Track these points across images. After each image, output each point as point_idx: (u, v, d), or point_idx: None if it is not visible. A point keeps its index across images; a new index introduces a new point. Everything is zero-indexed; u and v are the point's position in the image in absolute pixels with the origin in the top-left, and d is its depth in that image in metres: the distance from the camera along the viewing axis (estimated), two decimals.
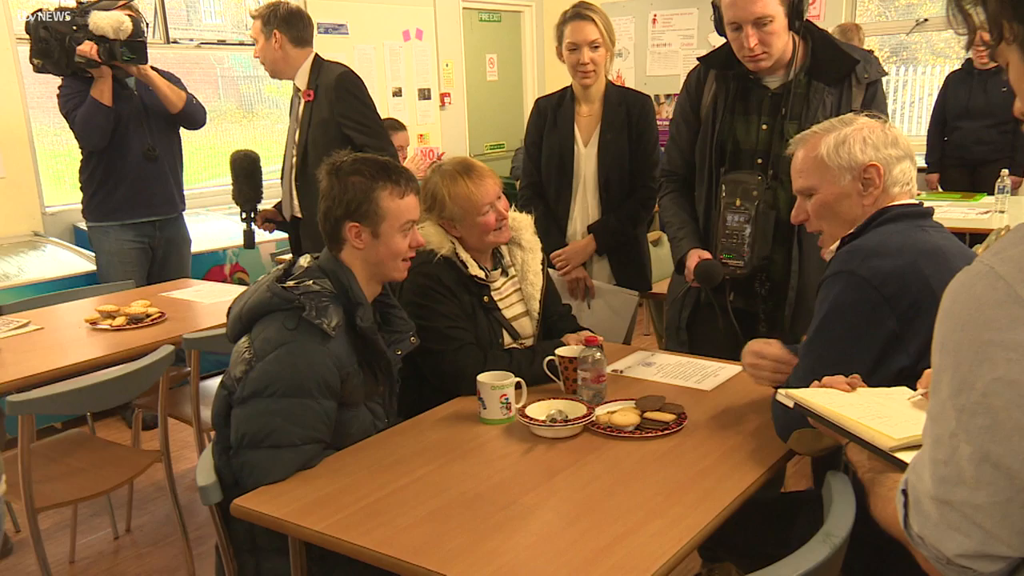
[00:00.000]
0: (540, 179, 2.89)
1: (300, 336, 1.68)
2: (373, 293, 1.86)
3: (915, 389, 1.37)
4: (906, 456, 1.13)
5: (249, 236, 3.34)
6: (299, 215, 3.26)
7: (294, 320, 1.69)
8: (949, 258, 1.54)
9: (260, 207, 3.32)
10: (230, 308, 1.81)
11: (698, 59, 2.38)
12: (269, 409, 1.64)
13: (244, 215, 3.29)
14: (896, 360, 1.49)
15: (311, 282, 1.74)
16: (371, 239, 1.80)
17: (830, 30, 5.39)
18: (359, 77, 3.15)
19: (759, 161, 2.23)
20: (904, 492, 0.91)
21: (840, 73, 2.17)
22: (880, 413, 1.27)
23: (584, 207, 2.82)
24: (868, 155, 1.63)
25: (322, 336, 1.69)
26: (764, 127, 2.21)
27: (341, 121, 3.05)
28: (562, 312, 2.37)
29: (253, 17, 3.17)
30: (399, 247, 1.83)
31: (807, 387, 1.44)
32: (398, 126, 4.55)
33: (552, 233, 2.79)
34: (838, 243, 1.69)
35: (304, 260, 1.84)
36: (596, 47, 2.69)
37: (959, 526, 0.83)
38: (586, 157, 2.79)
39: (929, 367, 1.46)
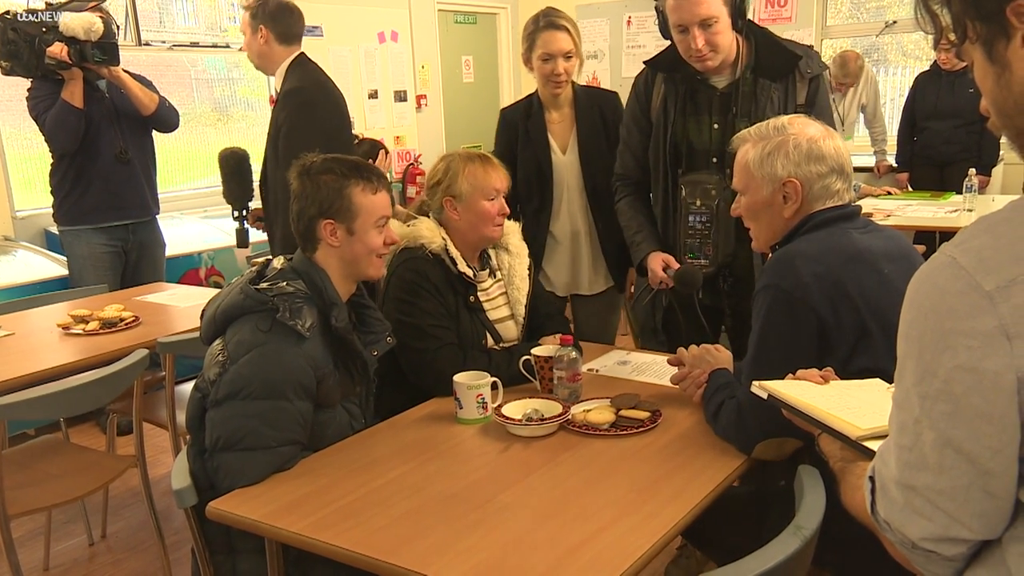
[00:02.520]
0: (511, 194, 2.86)
1: (274, 338, 1.68)
2: (347, 292, 1.86)
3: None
4: (874, 445, 1.16)
5: (242, 235, 3.31)
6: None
7: (268, 322, 1.69)
8: (873, 261, 1.61)
9: (252, 205, 3.30)
10: (203, 310, 1.81)
11: (644, 63, 2.41)
12: (244, 411, 1.64)
13: (236, 214, 3.27)
14: (826, 365, 1.54)
15: (284, 283, 1.74)
16: (346, 236, 1.80)
17: (829, 55, 5.46)
18: (310, 95, 3.02)
19: (715, 160, 2.27)
20: (871, 479, 0.93)
21: (784, 69, 2.21)
22: (849, 404, 1.30)
23: (570, 215, 2.77)
24: (787, 171, 1.68)
25: (296, 337, 1.69)
26: (716, 126, 2.25)
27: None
28: (551, 312, 2.37)
29: (243, 7, 3.16)
30: (374, 243, 1.83)
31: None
32: (382, 148, 4.51)
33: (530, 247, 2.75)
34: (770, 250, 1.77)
35: (278, 262, 1.84)
36: (569, 57, 2.65)
37: (923, 510, 0.85)
38: (567, 164, 2.74)
39: (864, 366, 1.52)
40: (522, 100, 2.84)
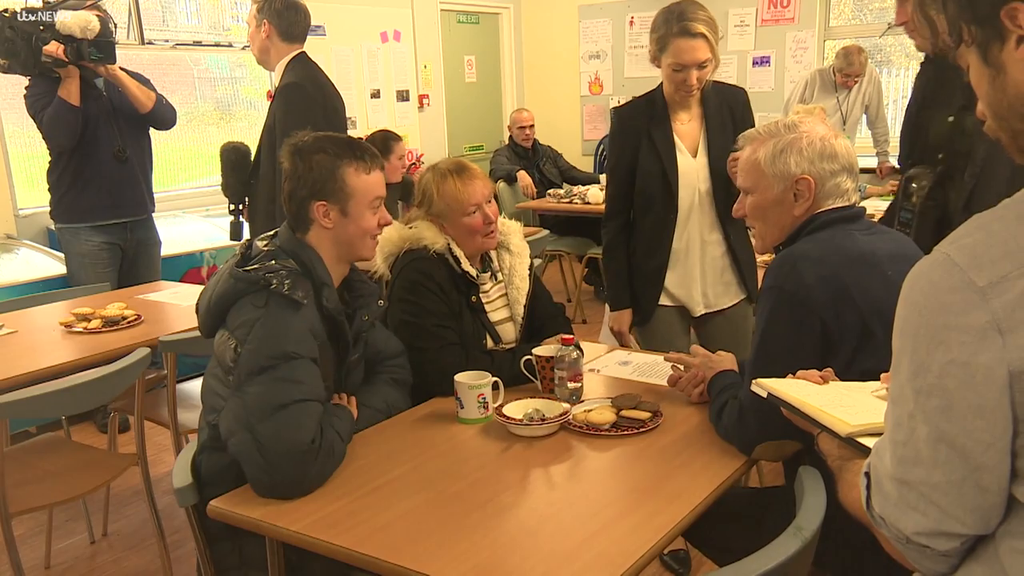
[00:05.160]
0: (629, 206, 2.56)
1: (272, 309, 1.65)
2: (341, 274, 1.84)
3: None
4: (867, 442, 1.17)
5: (236, 228, 3.33)
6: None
7: (263, 298, 1.67)
8: (877, 262, 1.60)
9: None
10: (197, 306, 1.79)
11: None
12: (268, 381, 1.60)
13: (231, 207, 3.29)
14: (829, 366, 1.54)
15: (274, 262, 1.71)
16: (340, 217, 1.77)
17: (832, 55, 5.23)
18: (306, 91, 3.08)
19: (940, 156, 2.12)
20: (867, 474, 0.94)
21: None
22: (844, 403, 1.31)
23: (700, 223, 2.49)
24: (801, 168, 1.68)
25: (294, 305, 1.66)
26: (950, 119, 2.10)
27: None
28: (552, 313, 2.36)
29: (252, 0, 3.18)
30: (368, 224, 1.80)
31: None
32: (393, 137, 4.56)
33: (641, 265, 2.54)
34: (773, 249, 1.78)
35: (261, 242, 1.80)
36: (704, 66, 2.37)
37: (916, 505, 0.86)
38: (696, 168, 2.48)
39: (867, 367, 1.52)
40: (640, 99, 2.54)
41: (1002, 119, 0.86)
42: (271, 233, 1.83)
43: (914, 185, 2.13)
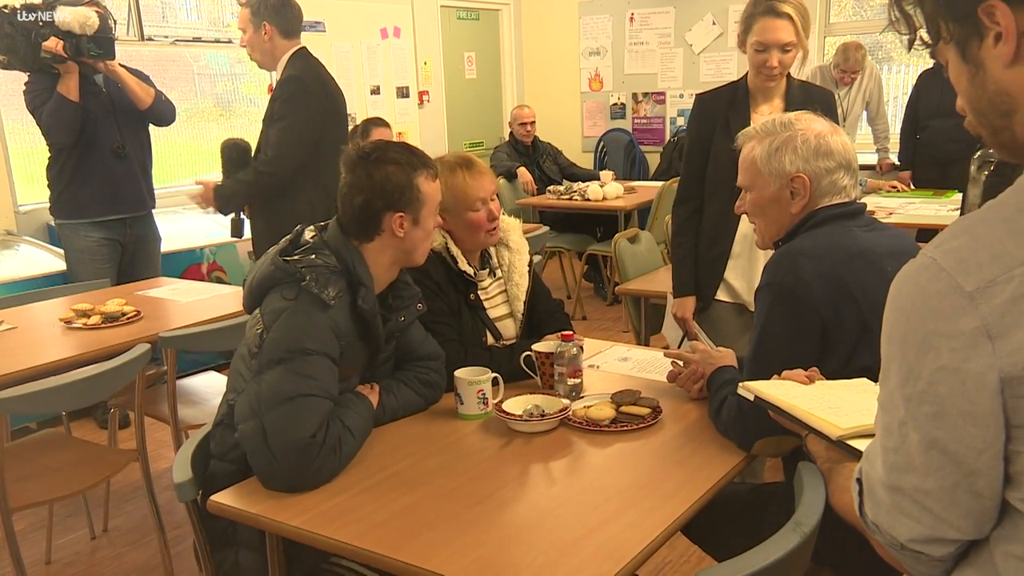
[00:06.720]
0: (700, 191, 2.54)
1: (300, 304, 1.67)
2: (390, 279, 1.85)
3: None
4: (856, 444, 1.16)
5: (237, 225, 3.33)
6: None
7: (294, 290, 1.69)
8: (876, 259, 1.60)
9: None
10: (244, 281, 1.82)
11: None
12: (284, 371, 1.62)
13: None
14: (827, 363, 1.54)
15: (314, 256, 1.73)
16: (412, 226, 1.79)
17: (832, 52, 5.12)
18: (306, 85, 3.08)
19: None
20: (859, 480, 0.93)
21: None
22: (832, 404, 1.31)
23: None
24: (796, 166, 1.68)
25: (322, 305, 1.68)
26: None
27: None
28: (550, 309, 2.36)
29: (241, 4, 3.15)
30: (431, 229, 1.84)
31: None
32: (380, 123, 4.58)
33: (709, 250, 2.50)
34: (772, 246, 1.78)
35: (308, 233, 1.81)
36: (788, 49, 2.35)
37: (910, 512, 0.85)
38: None
39: (865, 364, 1.52)
40: (725, 87, 2.57)
41: (982, 115, 0.85)
42: (323, 224, 1.84)
43: (979, 155, 2.14)
